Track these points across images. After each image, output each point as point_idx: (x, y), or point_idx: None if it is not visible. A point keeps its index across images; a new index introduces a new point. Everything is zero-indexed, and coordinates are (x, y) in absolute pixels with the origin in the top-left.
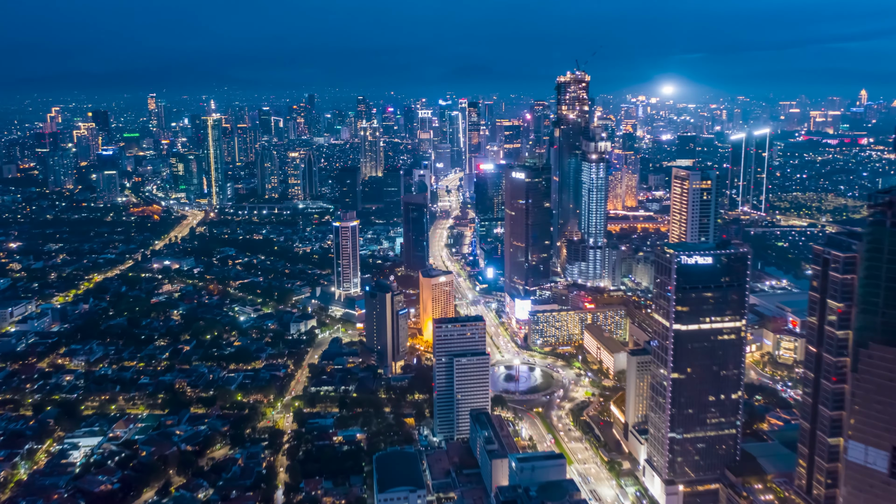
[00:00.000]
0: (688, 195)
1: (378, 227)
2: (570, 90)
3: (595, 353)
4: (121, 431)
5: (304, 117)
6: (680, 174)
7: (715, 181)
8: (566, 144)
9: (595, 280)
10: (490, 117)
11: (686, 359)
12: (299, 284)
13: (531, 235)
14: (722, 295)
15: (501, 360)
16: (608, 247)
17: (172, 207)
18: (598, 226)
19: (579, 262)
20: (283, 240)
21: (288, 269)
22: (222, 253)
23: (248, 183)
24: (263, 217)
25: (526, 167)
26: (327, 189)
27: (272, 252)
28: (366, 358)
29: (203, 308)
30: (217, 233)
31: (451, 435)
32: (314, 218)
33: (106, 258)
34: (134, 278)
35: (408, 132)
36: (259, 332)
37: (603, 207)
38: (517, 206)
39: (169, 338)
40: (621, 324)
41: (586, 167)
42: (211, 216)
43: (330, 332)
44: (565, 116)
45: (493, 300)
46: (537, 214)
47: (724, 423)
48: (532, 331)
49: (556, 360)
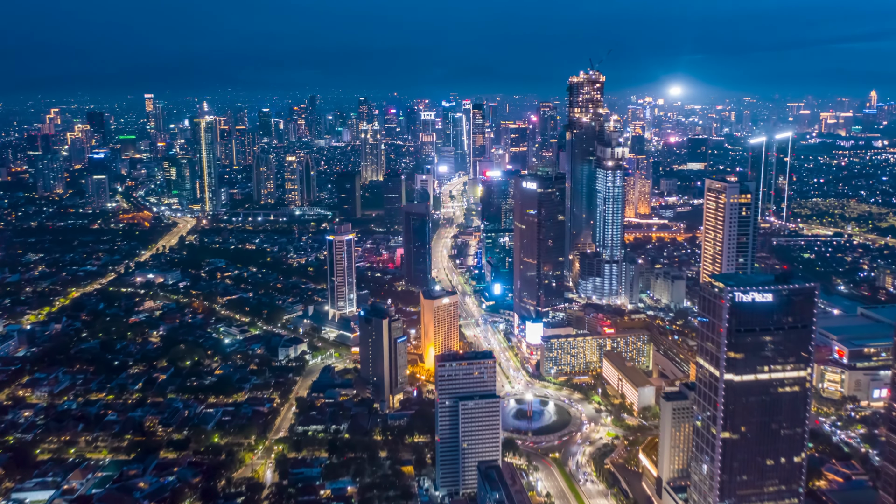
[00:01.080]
0: (724, 211)
1: (378, 236)
2: (584, 91)
3: (616, 384)
4: (77, 483)
5: (305, 119)
6: (715, 186)
7: (755, 195)
8: (579, 149)
9: (611, 297)
10: (494, 119)
11: (740, 415)
12: (291, 301)
13: (543, 251)
14: (784, 338)
15: (511, 391)
16: (625, 261)
17: (163, 214)
18: (614, 238)
19: (594, 277)
20: (277, 250)
21: (280, 284)
22: (211, 264)
23: (245, 188)
24: (258, 224)
25: (538, 176)
26: (326, 194)
27: (265, 264)
28: (360, 390)
29: (185, 328)
30: (208, 241)
31: (457, 489)
32: (311, 225)
33: (87, 270)
34: (114, 294)
35: (410, 134)
36: (244, 358)
37: (620, 218)
38: (528, 219)
39: (144, 364)
40: (644, 350)
41: (601, 175)
42: (203, 223)
43: (322, 358)
44: (578, 120)
45: (501, 319)
46: (550, 228)
47: (785, 491)
48: (545, 358)
49: (572, 392)
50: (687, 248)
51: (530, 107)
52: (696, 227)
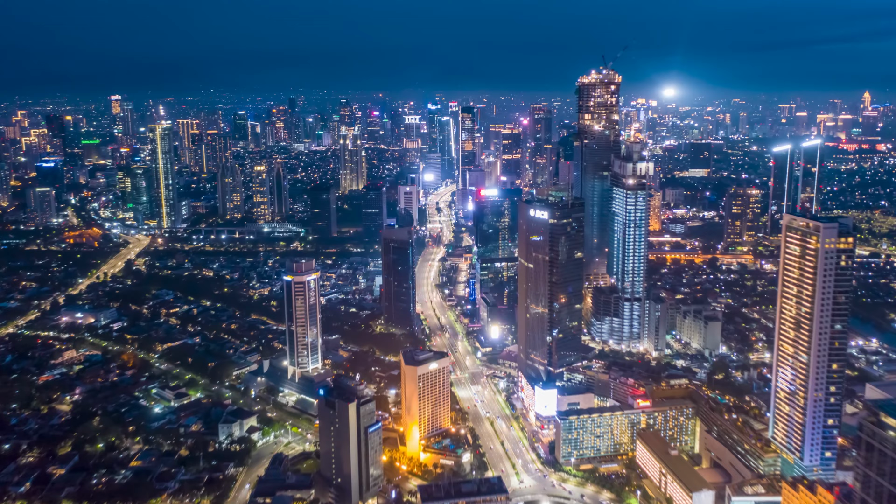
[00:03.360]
0: (815, 259)
1: (355, 258)
2: (595, 94)
3: (657, 479)
4: None
5: (284, 122)
6: (799, 225)
7: (854, 237)
8: (590, 162)
9: (631, 342)
10: (483, 122)
11: None
12: (245, 350)
13: (556, 297)
14: None
15: (520, 488)
16: (649, 298)
17: (114, 232)
18: (635, 271)
19: (610, 317)
20: (238, 277)
21: (235, 323)
22: (157, 298)
23: (211, 199)
24: (221, 243)
25: (549, 203)
26: (301, 206)
27: (221, 296)
28: (321, 493)
29: (107, 392)
30: (159, 266)
31: None
32: (280, 245)
33: (5, 308)
34: (29, 340)
35: (394, 138)
36: (174, 438)
37: (643, 247)
38: (536, 257)
39: (42, 448)
40: (688, 426)
41: (620, 195)
42: (158, 243)
43: (276, 435)
44: (589, 127)
45: (501, 371)
46: (566, 269)
47: None
48: (562, 440)
49: (599, 490)
50: (707, 272)
51: (518, 108)
52: (712, 244)
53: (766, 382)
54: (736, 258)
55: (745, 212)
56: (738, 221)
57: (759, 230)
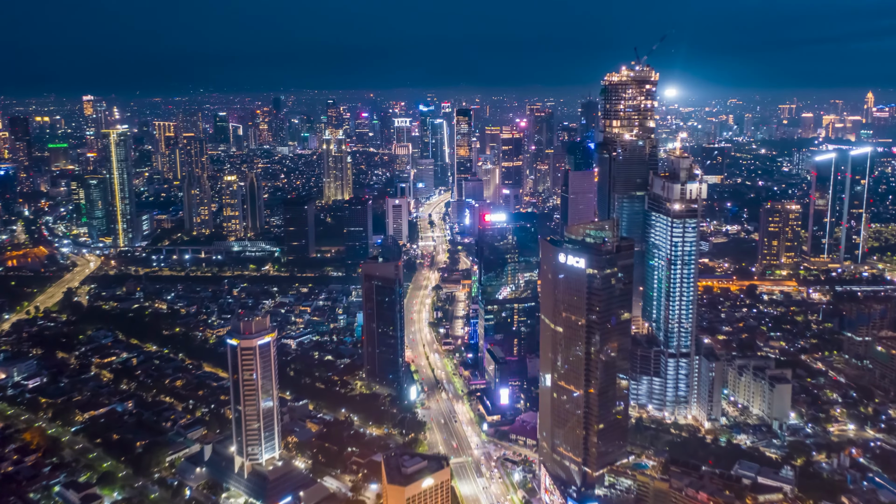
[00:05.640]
0: None
1: (335, 286)
2: (626, 96)
3: None
4: None
5: (269, 123)
6: None
7: None
8: (620, 178)
9: (677, 408)
10: (477, 124)
11: None
12: (186, 423)
13: (598, 376)
14: None
15: None
16: (700, 354)
17: (63, 251)
18: (683, 319)
19: (650, 377)
20: (195, 312)
21: (181, 379)
22: (92, 342)
23: (180, 210)
24: (184, 265)
25: (588, 246)
26: (279, 220)
27: (171, 337)
28: None
29: None
30: (105, 296)
31: None
32: (250, 268)
33: None
34: None
35: (384, 140)
36: None
37: (692, 290)
38: (568, 319)
39: None
40: None
41: (663, 223)
42: (111, 265)
43: None
44: (618, 136)
45: (513, 455)
46: (609, 336)
47: None
48: None
49: None
50: (747, 302)
51: (512, 108)
52: (744, 265)
53: (860, 471)
54: (777, 285)
55: (783, 230)
56: (776, 241)
57: (796, 251)
